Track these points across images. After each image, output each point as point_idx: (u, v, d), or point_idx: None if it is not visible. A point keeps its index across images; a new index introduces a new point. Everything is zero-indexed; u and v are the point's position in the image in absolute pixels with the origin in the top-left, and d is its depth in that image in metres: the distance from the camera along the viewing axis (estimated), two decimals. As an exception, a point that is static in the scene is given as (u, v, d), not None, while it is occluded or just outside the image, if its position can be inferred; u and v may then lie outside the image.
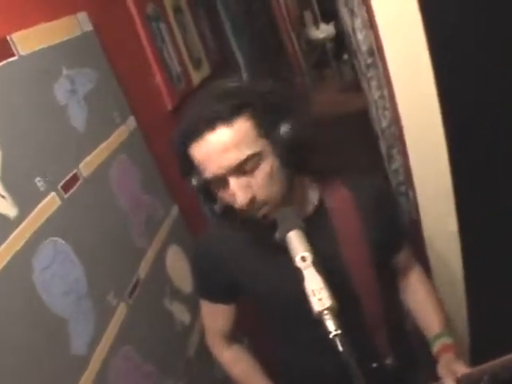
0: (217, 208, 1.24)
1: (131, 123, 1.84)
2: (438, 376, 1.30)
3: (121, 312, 1.51)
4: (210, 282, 1.42)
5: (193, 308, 1.91)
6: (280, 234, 1.11)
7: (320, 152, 1.24)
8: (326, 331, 0.94)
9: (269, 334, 1.50)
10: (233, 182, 1.13)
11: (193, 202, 2.20)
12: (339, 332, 0.93)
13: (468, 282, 1.99)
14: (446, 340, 1.37)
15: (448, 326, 1.43)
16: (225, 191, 1.16)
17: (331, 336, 0.93)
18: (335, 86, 6.33)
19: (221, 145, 1.10)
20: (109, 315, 1.46)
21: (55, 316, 1.25)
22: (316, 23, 7.17)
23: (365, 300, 1.31)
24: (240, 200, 1.13)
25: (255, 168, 1.13)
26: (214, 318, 1.47)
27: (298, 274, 1.03)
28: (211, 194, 1.22)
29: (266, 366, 1.51)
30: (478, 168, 1.77)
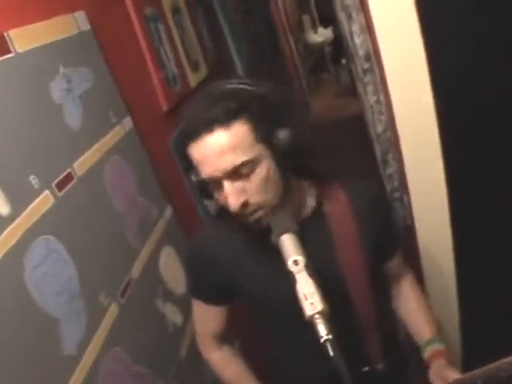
0: (212, 208, 1.24)
1: (127, 123, 1.83)
2: (429, 382, 1.30)
3: (112, 312, 1.51)
4: (203, 283, 1.41)
5: (185, 310, 1.90)
6: (273, 237, 1.11)
7: (319, 156, 1.24)
8: (317, 335, 0.94)
9: (261, 336, 1.50)
10: (227, 186, 1.13)
11: (187, 204, 2.20)
12: (330, 337, 0.92)
13: (460, 287, 1.99)
14: (437, 346, 1.37)
15: (439, 332, 1.43)
16: (220, 193, 1.16)
17: (322, 340, 0.93)
18: (332, 90, 6.36)
19: (218, 148, 1.10)
20: (100, 315, 1.45)
21: (46, 315, 1.24)
22: (314, 27, 7.20)
23: (358, 304, 1.31)
24: (232, 204, 1.13)
25: (251, 173, 1.13)
26: (206, 319, 1.46)
27: (291, 277, 1.03)
28: (208, 194, 1.22)
29: (257, 368, 1.51)
30: (472, 174, 1.78)
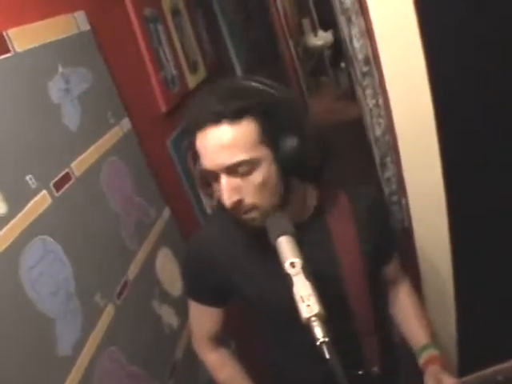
0: (209, 206, 1.23)
1: (125, 124, 1.83)
2: (424, 387, 1.30)
3: (108, 313, 1.50)
4: (200, 283, 1.41)
5: (181, 311, 1.89)
6: (270, 239, 1.11)
7: (326, 165, 1.23)
8: (314, 337, 0.94)
9: (257, 337, 1.50)
10: (223, 181, 1.13)
11: (185, 205, 2.20)
12: (326, 339, 0.92)
13: (458, 290, 2.00)
14: (432, 351, 1.37)
15: (434, 338, 1.43)
16: (217, 186, 1.16)
17: (318, 343, 0.92)
18: (331, 93, 6.37)
19: (220, 142, 1.10)
20: (96, 316, 1.45)
21: (42, 315, 1.24)
22: (314, 30, 7.21)
23: (356, 307, 1.31)
24: (225, 200, 1.13)
25: (249, 173, 1.13)
26: (202, 320, 1.46)
27: (288, 279, 1.03)
28: (209, 186, 1.22)
29: (253, 370, 1.51)
30: (470, 177, 1.78)
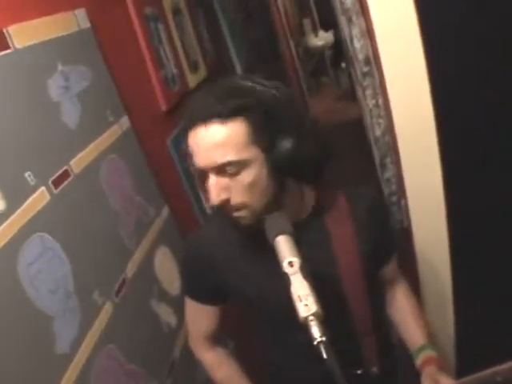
0: (208, 206, 1.23)
1: (124, 123, 1.83)
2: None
3: (106, 311, 1.50)
4: (198, 282, 1.41)
5: (179, 310, 1.89)
6: (269, 238, 1.10)
7: (322, 164, 1.21)
8: (311, 337, 0.93)
9: (256, 337, 1.50)
10: (211, 180, 1.14)
11: (184, 204, 2.20)
12: (324, 339, 0.92)
13: (456, 291, 2.00)
14: (429, 352, 1.37)
15: (432, 339, 1.43)
16: (206, 184, 1.17)
17: (315, 343, 0.92)
18: (332, 94, 6.37)
19: (209, 141, 1.10)
20: (94, 314, 1.45)
21: (41, 312, 1.24)
22: (315, 31, 7.21)
23: (354, 307, 1.31)
24: (212, 199, 1.14)
25: (237, 173, 1.13)
26: (199, 318, 1.46)
27: (286, 278, 1.02)
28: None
29: (252, 369, 1.51)
30: (470, 179, 1.78)
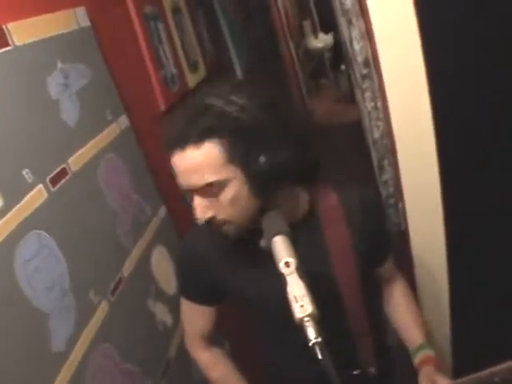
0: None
1: (123, 122, 1.83)
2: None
3: (102, 310, 1.50)
4: (194, 282, 1.41)
5: (175, 310, 1.89)
6: (265, 239, 1.11)
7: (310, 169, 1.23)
8: (307, 338, 0.94)
9: (253, 338, 1.50)
10: (195, 200, 1.16)
11: (181, 204, 2.20)
12: (319, 340, 0.92)
13: (453, 294, 2.00)
14: (427, 352, 1.37)
15: (429, 338, 1.43)
16: (192, 203, 1.18)
17: (310, 344, 0.93)
18: (331, 96, 6.37)
19: (186, 166, 1.12)
20: (90, 312, 1.45)
21: (36, 310, 1.23)
22: (315, 33, 7.21)
23: (350, 307, 1.31)
24: (197, 218, 1.17)
25: (219, 192, 1.14)
26: (195, 318, 1.46)
27: (282, 279, 1.02)
28: None
29: (248, 370, 1.50)
30: (468, 182, 1.78)
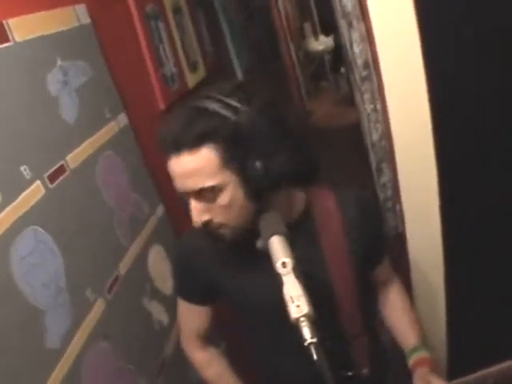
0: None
1: (122, 120, 1.83)
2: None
3: (98, 307, 1.50)
4: (190, 281, 1.41)
5: (172, 309, 1.89)
6: (262, 239, 1.11)
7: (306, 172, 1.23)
8: (302, 338, 0.94)
9: (249, 338, 1.50)
10: (192, 203, 1.17)
11: (179, 203, 2.19)
12: (314, 340, 0.92)
13: (449, 297, 2.00)
14: (422, 353, 1.38)
15: (424, 340, 1.43)
16: (189, 205, 1.19)
17: (306, 344, 0.93)
18: (331, 98, 6.37)
19: (182, 170, 1.12)
20: (86, 310, 1.44)
21: (32, 307, 1.23)
22: (315, 35, 7.21)
23: (345, 308, 1.32)
24: (194, 221, 1.18)
25: (215, 197, 1.14)
26: (191, 317, 1.46)
27: (278, 279, 1.03)
28: None
29: (244, 370, 1.50)
30: (466, 185, 1.79)
